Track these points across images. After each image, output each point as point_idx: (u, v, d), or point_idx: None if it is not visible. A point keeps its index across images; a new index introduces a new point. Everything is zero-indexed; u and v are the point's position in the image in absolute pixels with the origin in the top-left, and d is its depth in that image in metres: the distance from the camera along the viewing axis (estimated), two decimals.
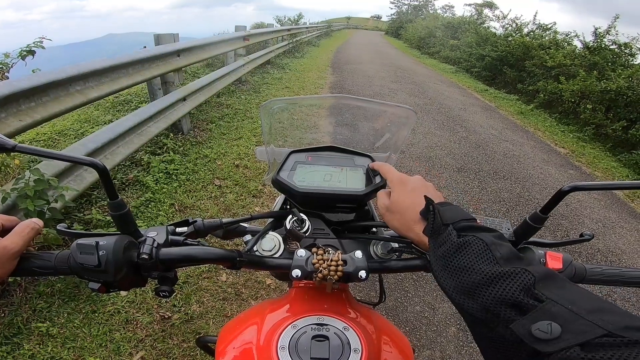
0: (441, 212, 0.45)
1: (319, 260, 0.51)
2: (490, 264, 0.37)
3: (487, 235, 0.41)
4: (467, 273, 0.38)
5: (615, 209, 3.54)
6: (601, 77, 6.72)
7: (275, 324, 0.53)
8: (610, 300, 2.27)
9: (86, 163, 0.44)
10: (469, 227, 0.43)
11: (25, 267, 0.45)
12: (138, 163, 2.94)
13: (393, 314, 1.98)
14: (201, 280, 1.99)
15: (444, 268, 0.41)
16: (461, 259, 0.39)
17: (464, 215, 0.45)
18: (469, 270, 0.38)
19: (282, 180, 0.64)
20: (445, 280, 0.40)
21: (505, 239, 0.42)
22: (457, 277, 0.39)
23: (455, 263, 0.40)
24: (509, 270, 0.35)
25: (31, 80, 1.75)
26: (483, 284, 0.36)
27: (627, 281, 0.55)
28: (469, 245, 0.40)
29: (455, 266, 0.39)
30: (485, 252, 0.38)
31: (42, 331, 1.60)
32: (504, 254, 0.38)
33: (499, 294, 0.34)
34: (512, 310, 0.33)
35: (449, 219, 0.44)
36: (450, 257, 0.40)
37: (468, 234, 0.41)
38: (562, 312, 0.30)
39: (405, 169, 3.72)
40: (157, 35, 3.35)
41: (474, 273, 0.37)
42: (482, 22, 15.90)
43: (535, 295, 0.33)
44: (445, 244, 0.42)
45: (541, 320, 0.30)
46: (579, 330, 0.29)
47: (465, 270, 0.38)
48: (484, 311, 0.35)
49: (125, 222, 0.48)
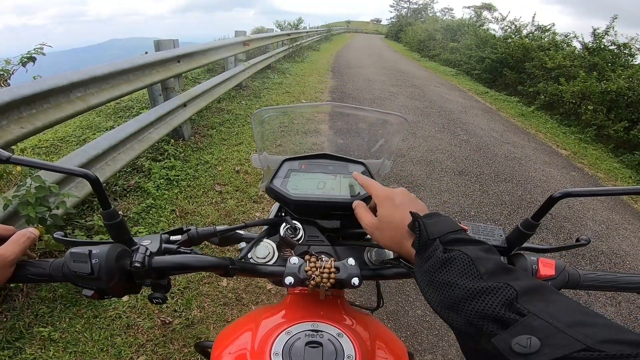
0: (427, 226, 0.44)
1: (312, 267, 0.51)
2: (474, 280, 0.37)
3: (474, 249, 0.41)
4: (451, 288, 0.38)
5: (619, 210, 3.52)
6: (601, 78, 6.72)
7: (270, 330, 0.53)
8: (614, 301, 2.26)
9: (79, 174, 0.45)
10: (455, 240, 0.42)
11: (21, 275, 0.47)
12: (139, 169, 2.95)
13: (394, 318, 1.97)
14: (202, 285, 1.99)
15: (429, 283, 0.41)
16: (445, 275, 0.39)
17: (452, 227, 0.44)
18: (452, 285, 0.38)
19: (275, 188, 0.64)
20: (430, 295, 0.41)
21: (494, 251, 0.42)
22: (442, 292, 0.39)
23: (439, 278, 0.40)
24: (491, 285, 0.36)
25: (32, 86, 1.76)
26: (465, 299, 0.36)
27: (622, 287, 0.55)
28: (454, 260, 0.40)
29: (439, 281, 0.40)
30: (469, 268, 0.38)
31: (44, 336, 1.61)
32: (489, 268, 0.38)
33: (481, 308, 0.34)
34: (495, 324, 0.33)
35: (436, 232, 0.44)
36: (435, 273, 0.41)
37: (454, 248, 0.41)
38: (542, 326, 0.31)
39: (406, 173, 3.72)
40: (157, 41, 3.38)
41: (458, 288, 0.37)
42: (481, 25, 15.94)
43: (517, 309, 0.33)
44: (431, 259, 0.42)
45: (521, 334, 0.31)
46: (557, 344, 0.29)
47: (449, 285, 0.38)
48: (468, 325, 0.35)
49: (118, 231, 0.49)
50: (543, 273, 0.53)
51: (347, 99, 6.64)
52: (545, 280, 0.53)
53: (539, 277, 0.53)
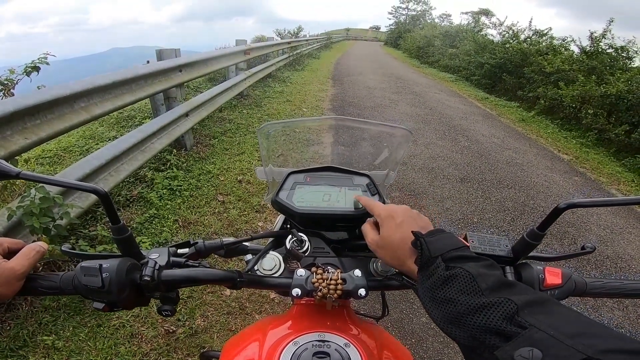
0: (430, 244, 0.45)
1: (319, 279, 0.52)
2: (475, 296, 0.38)
3: (475, 265, 0.42)
4: (453, 304, 0.39)
5: (623, 215, 3.51)
6: (600, 82, 6.73)
7: (277, 340, 0.53)
8: (622, 305, 2.25)
9: (88, 190, 0.46)
10: (457, 258, 0.43)
11: (31, 287, 0.48)
12: (142, 179, 2.96)
13: (399, 326, 1.95)
14: (205, 294, 1.98)
15: (431, 300, 0.42)
16: (447, 291, 0.40)
17: (454, 244, 0.45)
18: (454, 302, 0.39)
19: (281, 201, 0.65)
20: (433, 311, 0.42)
21: (496, 266, 0.43)
22: (444, 308, 0.40)
23: (442, 295, 0.41)
24: (492, 300, 0.37)
25: (36, 97, 1.77)
26: (467, 314, 0.37)
27: (628, 293, 0.55)
28: (456, 277, 0.41)
29: (442, 298, 0.41)
30: (471, 284, 0.39)
31: (48, 344, 1.61)
32: (490, 284, 0.39)
33: (483, 322, 0.36)
34: (497, 338, 0.34)
35: (438, 249, 0.45)
36: (437, 290, 0.42)
37: (456, 266, 0.42)
38: (543, 338, 0.31)
39: (409, 181, 3.72)
40: (159, 50, 3.41)
41: (459, 304, 0.38)
42: (479, 30, 16.08)
43: (519, 322, 0.34)
44: (433, 277, 0.43)
45: (523, 346, 0.31)
46: (559, 355, 0.30)
47: (451, 302, 0.40)
48: (471, 339, 0.36)
49: (127, 245, 0.50)
50: (550, 282, 0.53)
51: (348, 107, 6.67)
52: (552, 288, 0.53)
53: (545, 286, 0.53)
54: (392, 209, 0.54)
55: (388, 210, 0.54)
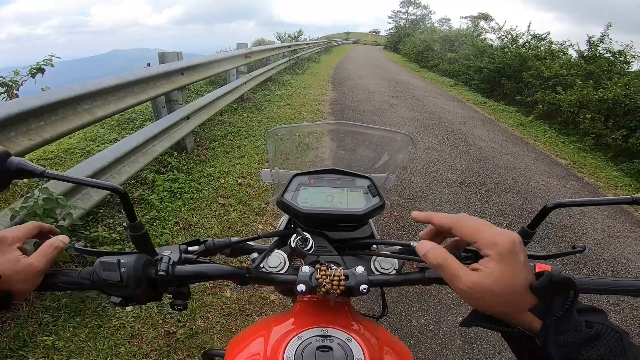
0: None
1: (322, 275, 0.54)
2: (623, 357, 0.34)
3: (612, 323, 0.38)
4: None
5: (620, 218, 3.54)
6: (598, 86, 6.76)
7: (281, 335, 0.55)
8: (618, 308, 2.27)
9: (108, 188, 0.48)
10: (587, 310, 0.39)
11: (50, 283, 0.49)
12: (143, 181, 2.98)
13: (397, 327, 1.97)
14: (206, 296, 2.00)
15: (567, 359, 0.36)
16: (593, 353, 0.35)
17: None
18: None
19: (286, 201, 0.67)
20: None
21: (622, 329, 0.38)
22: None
23: (585, 357, 0.35)
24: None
25: (41, 98, 1.78)
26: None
27: (616, 290, 0.57)
28: (602, 337, 0.36)
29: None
30: (619, 347, 0.35)
31: (48, 344, 1.61)
32: (628, 341, 0.36)
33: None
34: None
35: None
36: (578, 349, 0.36)
37: (597, 323, 0.37)
38: None
39: (407, 185, 3.75)
40: (162, 53, 3.44)
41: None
42: (478, 34, 16.19)
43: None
44: (571, 333, 0.36)
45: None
46: None
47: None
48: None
49: (142, 242, 0.52)
50: None
51: (348, 110, 6.71)
52: None
53: None
54: (509, 238, 0.39)
55: (507, 242, 0.38)
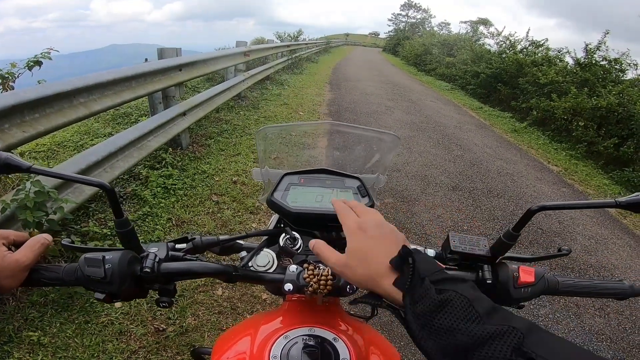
0: (417, 264, 0.40)
1: (310, 275, 0.55)
2: (476, 323, 0.35)
3: (466, 288, 0.38)
4: (451, 334, 0.35)
5: (608, 225, 3.59)
6: (592, 94, 6.81)
7: (268, 334, 0.56)
8: (603, 312, 2.31)
9: (95, 184, 0.48)
10: (444, 280, 0.39)
11: (35, 279, 0.49)
12: (137, 177, 2.97)
13: (388, 328, 1.98)
14: (197, 293, 2.00)
15: (423, 327, 0.37)
16: (444, 318, 0.36)
17: (435, 265, 0.41)
18: (454, 330, 0.35)
19: (276, 201, 0.67)
20: (426, 341, 0.37)
21: (477, 289, 0.40)
22: (441, 338, 0.35)
23: (437, 323, 0.36)
24: (496, 329, 0.33)
25: (37, 91, 1.77)
26: (471, 346, 0.33)
27: (598, 292, 0.59)
28: (451, 302, 0.37)
29: (437, 326, 0.36)
30: (468, 309, 0.36)
31: (33, 340, 1.60)
32: (486, 308, 0.36)
33: (490, 356, 0.32)
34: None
35: (425, 270, 0.40)
36: (430, 316, 0.37)
37: (447, 289, 0.38)
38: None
39: (402, 187, 3.77)
40: (161, 49, 3.42)
41: (460, 333, 0.34)
42: (477, 40, 16.28)
43: (525, 353, 0.31)
44: (423, 301, 0.38)
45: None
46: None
47: (449, 331, 0.35)
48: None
49: (129, 238, 0.52)
50: (523, 280, 0.56)
51: (344, 112, 6.72)
52: (525, 286, 0.56)
53: (519, 283, 0.56)
54: (364, 220, 0.48)
55: (358, 222, 0.48)
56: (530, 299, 0.57)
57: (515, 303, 0.58)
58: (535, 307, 2.29)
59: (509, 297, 0.56)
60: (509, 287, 0.56)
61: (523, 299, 0.57)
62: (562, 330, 2.15)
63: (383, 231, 0.46)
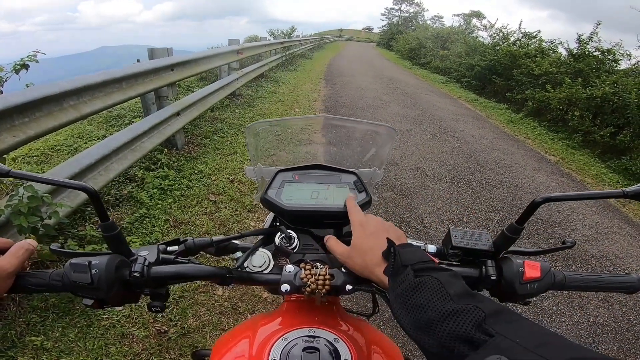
0: (401, 254, 0.48)
1: (307, 275, 0.53)
2: (445, 301, 0.39)
3: (443, 274, 0.44)
4: (423, 310, 0.40)
5: (607, 215, 3.59)
6: (586, 84, 6.83)
7: (267, 336, 0.54)
8: (607, 304, 2.31)
9: (77, 187, 0.46)
10: (425, 268, 0.45)
11: (21, 285, 0.48)
12: (132, 179, 2.94)
13: (390, 325, 1.98)
14: (198, 294, 1.98)
15: (401, 306, 0.43)
16: (418, 297, 0.42)
17: (423, 257, 0.48)
18: (425, 307, 0.40)
19: (269, 199, 0.65)
20: (403, 318, 0.43)
21: (460, 277, 0.44)
22: (414, 314, 0.41)
23: (412, 301, 0.42)
24: (461, 307, 0.38)
25: (25, 95, 1.74)
26: (438, 320, 0.38)
27: (605, 286, 0.57)
28: (425, 284, 0.42)
29: (412, 304, 0.42)
30: (439, 290, 0.41)
31: (37, 345, 1.59)
32: (457, 291, 0.41)
33: (453, 329, 0.36)
34: (465, 346, 0.35)
35: (408, 260, 0.47)
36: (407, 296, 0.43)
37: (424, 274, 0.44)
38: (511, 346, 0.32)
39: (400, 181, 3.76)
40: (151, 49, 3.39)
41: (430, 310, 0.39)
42: (470, 32, 16.26)
43: (486, 330, 0.34)
44: (404, 283, 0.44)
45: (492, 354, 0.32)
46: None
47: (421, 307, 0.40)
48: (440, 347, 0.37)
49: (116, 242, 0.50)
50: (529, 275, 0.54)
51: (340, 107, 6.70)
52: (531, 282, 0.55)
53: (525, 279, 0.54)
54: (365, 219, 0.56)
55: (361, 220, 0.56)
56: (537, 294, 0.56)
57: (521, 299, 0.56)
58: (539, 299, 2.28)
59: (515, 293, 0.55)
60: (514, 283, 0.54)
61: (529, 294, 0.55)
62: (566, 322, 2.14)
63: (381, 228, 0.54)
